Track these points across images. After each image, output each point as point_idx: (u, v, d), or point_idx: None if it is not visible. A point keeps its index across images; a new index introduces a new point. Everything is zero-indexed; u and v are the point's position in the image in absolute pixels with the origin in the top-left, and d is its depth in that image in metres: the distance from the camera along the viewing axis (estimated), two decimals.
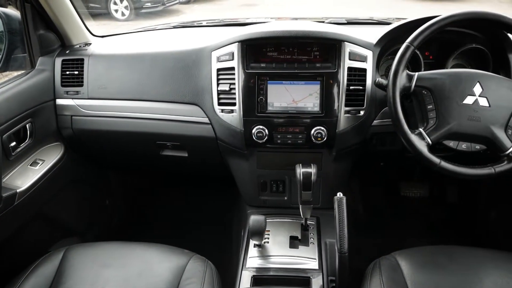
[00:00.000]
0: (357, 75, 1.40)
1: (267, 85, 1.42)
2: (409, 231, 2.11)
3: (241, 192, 1.72)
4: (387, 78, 1.26)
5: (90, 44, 1.77)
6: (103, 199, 2.17)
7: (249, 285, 1.32)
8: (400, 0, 8.25)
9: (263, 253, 1.43)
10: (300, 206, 1.39)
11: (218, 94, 1.45)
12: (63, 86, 1.65)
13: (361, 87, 1.40)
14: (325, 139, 1.43)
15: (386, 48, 1.48)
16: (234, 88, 1.42)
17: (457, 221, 2.20)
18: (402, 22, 1.46)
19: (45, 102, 1.62)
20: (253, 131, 1.44)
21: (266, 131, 1.43)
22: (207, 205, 2.34)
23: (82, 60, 1.64)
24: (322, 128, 1.42)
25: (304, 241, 1.48)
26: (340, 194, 1.20)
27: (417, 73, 1.25)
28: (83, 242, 1.54)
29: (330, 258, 1.41)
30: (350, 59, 1.40)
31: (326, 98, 1.41)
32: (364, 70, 1.40)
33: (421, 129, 1.23)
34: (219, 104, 1.45)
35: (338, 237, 1.15)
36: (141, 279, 1.20)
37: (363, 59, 1.41)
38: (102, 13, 7.62)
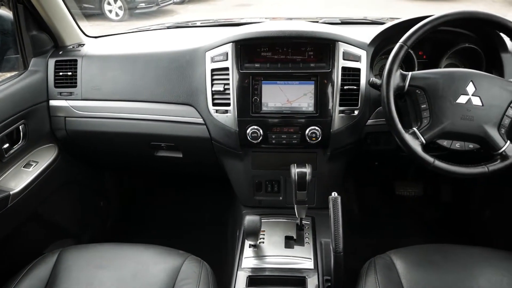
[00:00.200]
0: (351, 74, 1.40)
1: (261, 85, 1.42)
2: (404, 230, 2.12)
3: (236, 192, 1.72)
4: (381, 78, 1.27)
5: (83, 45, 1.76)
6: (98, 201, 2.16)
7: (244, 286, 1.32)
8: (394, 0, 8.28)
9: (259, 253, 1.43)
10: (295, 206, 1.39)
11: (213, 95, 1.45)
12: (56, 87, 1.64)
13: (355, 87, 1.40)
14: (320, 139, 1.43)
15: (380, 48, 1.49)
16: (229, 89, 1.42)
17: (451, 220, 2.21)
18: (395, 21, 1.47)
19: (38, 104, 1.61)
20: (248, 131, 1.43)
21: (261, 131, 1.43)
22: (202, 205, 2.34)
23: (76, 61, 1.64)
24: (317, 128, 1.42)
25: (299, 241, 1.48)
26: (335, 194, 1.20)
27: (410, 73, 1.25)
28: (77, 243, 1.53)
29: (326, 257, 1.42)
30: (344, 59, 1.40)
31: (321, 98, 1.41)
32: (358, 70, 1.41)
33: (415, 129, 1.23)
34: (214, 104, 1.45)
35: (333, 236, 1.15)
36: (136, 281, 1.19)
37: (357, 58, 1.41)
38: (96, 14, 7.59)
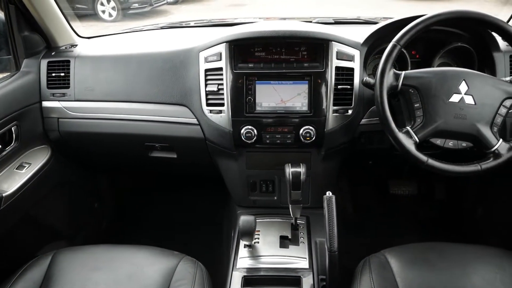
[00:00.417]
0: (345, 74, 1.41)
1: (255, 85, 1.42)
2: (398, 229, 2.12)
3: (230, 192, 1.72)
4: (374, 77, 1.27)
5: (76, 45, 1.75)
6: (92, 202, 2.15)
7: (239, 286, 1.32)
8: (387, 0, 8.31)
9: (254, 253, 1.43)
10: (290, 205, 1.39)
11: (206, 95, 1.44)
12: (49, 88, 1.63)
13: (349, 86, 1.41)
14: (314, 138, 1.43)
15: (373, 47, 1.49)
16: (222, 89, 1.42)
17: (445, 218, 2.22)
18: (388, 21, 1.47)
19: (31, 105, 1.60)
20: (242, 131, 1.43)
21: (255, 131, 1.43)
22: (197, 206, 2.33)
23: (68, 61, 1.63)
24: (311, 127, 1.42)
25: (294, 241, 1.48)
26: (329, 193, 1.20)
27: (403, 72, 1.26)
28: (71, 245, 1.52)
29: (320, 257, 1.42)
30: (337, 58, 1.40)
31: (314, 98, 1.41)
32: (351, 70, 1.41)
33: (408, 128, 1.24)
34: (208, 104, 1.45)
35: (328, 236, 1.15)
36: (131, 282, 1.19)
37: (350, 58, 1.42)
38: (89, 14, 7.54)
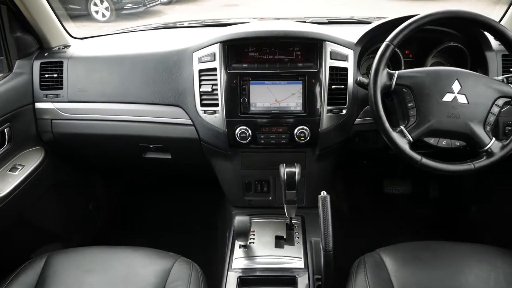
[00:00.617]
0: (339, 74, 1.41)
1: (249, 86, 1.42)
2: (393, 228, 2.13)
3: (225, 193, 1.72)
4: (368, 77, 1.28)
5: (69, 46, 1.74)
6: (87, 203, 2.13)
7: (235, 286, 1.31)
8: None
9: (249, 254, 1.42)
10: (285, 205, 1.39)
11: (201, 95, 1.44)
12: (42, 89, 1.62)
13: (343, 86, 1.41)
14: (308, 138, 1.43)
15: (367, 47, 1.50)
16: (217, 89, 1.42)
17: (439, 217, 2.23)
18: (382, 21, 1.48)
19: (24, 106, 1.59)
20: (237, 131, 1.43)
21: (250, 131, 1.43)
22: (192, 207, 2.32)
23: (61, 62, 1.62)
24: (305, 127, 1.42)
25: (290, 241, 1.48)
26: (324, 193, 1.20)
27: (397, 72, 1.26)
28: (66, 247, 1.51)
29: (316, 256, 1.42)
30: (331, 58, 1.41)
31: (309, 98, 1.41)
32: (345, 69, 1.41)
33: (402, 127, 1.24)
34: (202, 105, 1.45)
35: (323, 235, 1.16)
36: (126, 284, 1.18)
37: (344, 58, 1.42)
38: (82, 15, 7.49)
